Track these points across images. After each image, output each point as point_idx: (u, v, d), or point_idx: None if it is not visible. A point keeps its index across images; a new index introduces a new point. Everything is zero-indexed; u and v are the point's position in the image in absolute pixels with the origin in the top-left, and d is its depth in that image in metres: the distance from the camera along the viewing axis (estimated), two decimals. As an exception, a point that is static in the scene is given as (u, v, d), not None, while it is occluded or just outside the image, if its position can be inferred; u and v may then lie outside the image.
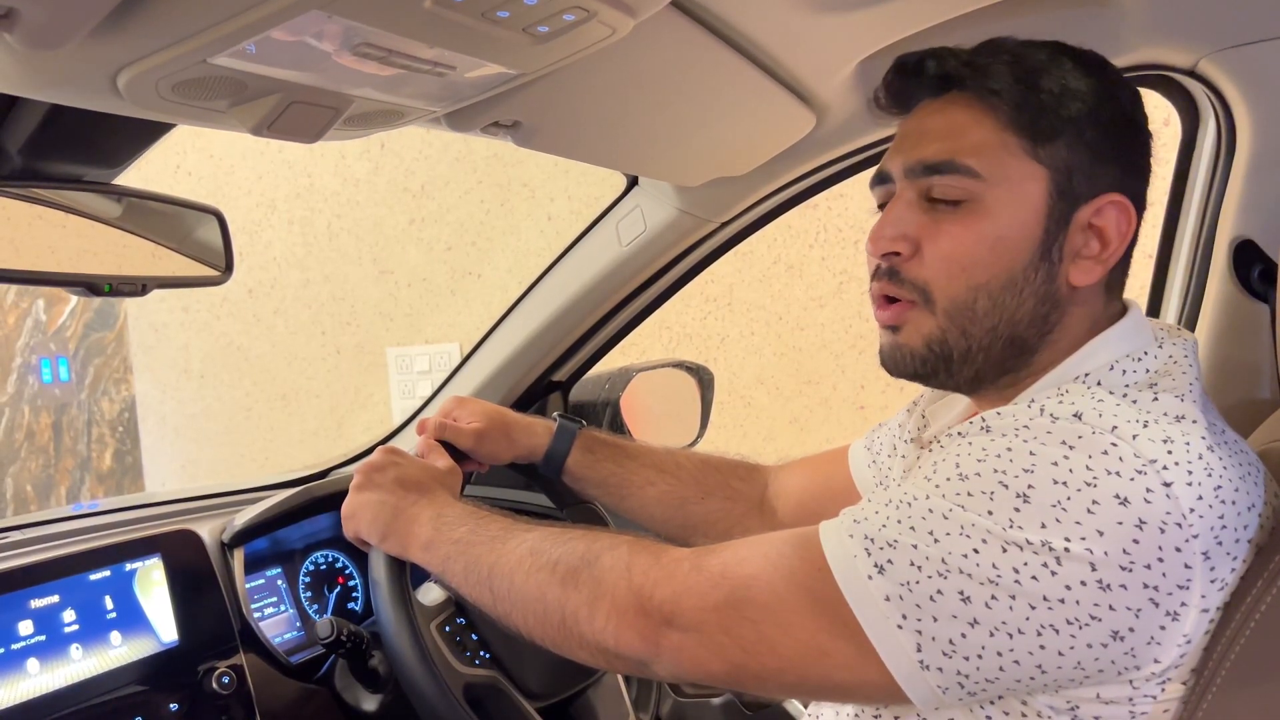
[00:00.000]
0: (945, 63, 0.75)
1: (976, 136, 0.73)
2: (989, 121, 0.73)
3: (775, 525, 1.08)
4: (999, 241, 0.73)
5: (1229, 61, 1.01)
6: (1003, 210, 0.73)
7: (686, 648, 0.71)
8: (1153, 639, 0.61)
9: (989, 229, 0.73)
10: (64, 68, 0.59)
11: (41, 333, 3.36)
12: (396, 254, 2.94)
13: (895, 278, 0.76)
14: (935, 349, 0.76)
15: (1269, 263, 1.04)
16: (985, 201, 0.73)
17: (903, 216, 0.76)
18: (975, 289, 0.73)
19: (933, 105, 0.77)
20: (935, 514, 0.64)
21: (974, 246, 0.73)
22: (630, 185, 1.32)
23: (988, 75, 0.73)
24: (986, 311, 0.74)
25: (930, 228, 0.74)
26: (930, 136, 0.75)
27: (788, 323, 2.62)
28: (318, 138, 0.75)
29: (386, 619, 0.92)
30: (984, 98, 0.73)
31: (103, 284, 0.85)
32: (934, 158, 0.74)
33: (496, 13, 0.61)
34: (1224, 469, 0.63)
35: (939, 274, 0.74)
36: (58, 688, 0.91)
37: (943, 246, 0.74)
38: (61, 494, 3.41)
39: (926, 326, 0.76)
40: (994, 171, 0.73)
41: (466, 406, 1.07)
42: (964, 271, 0.73)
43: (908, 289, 0.76)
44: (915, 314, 0.76)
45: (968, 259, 0.73)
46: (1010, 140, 0.73)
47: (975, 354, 0.75)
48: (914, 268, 0.75)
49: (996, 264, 0.73)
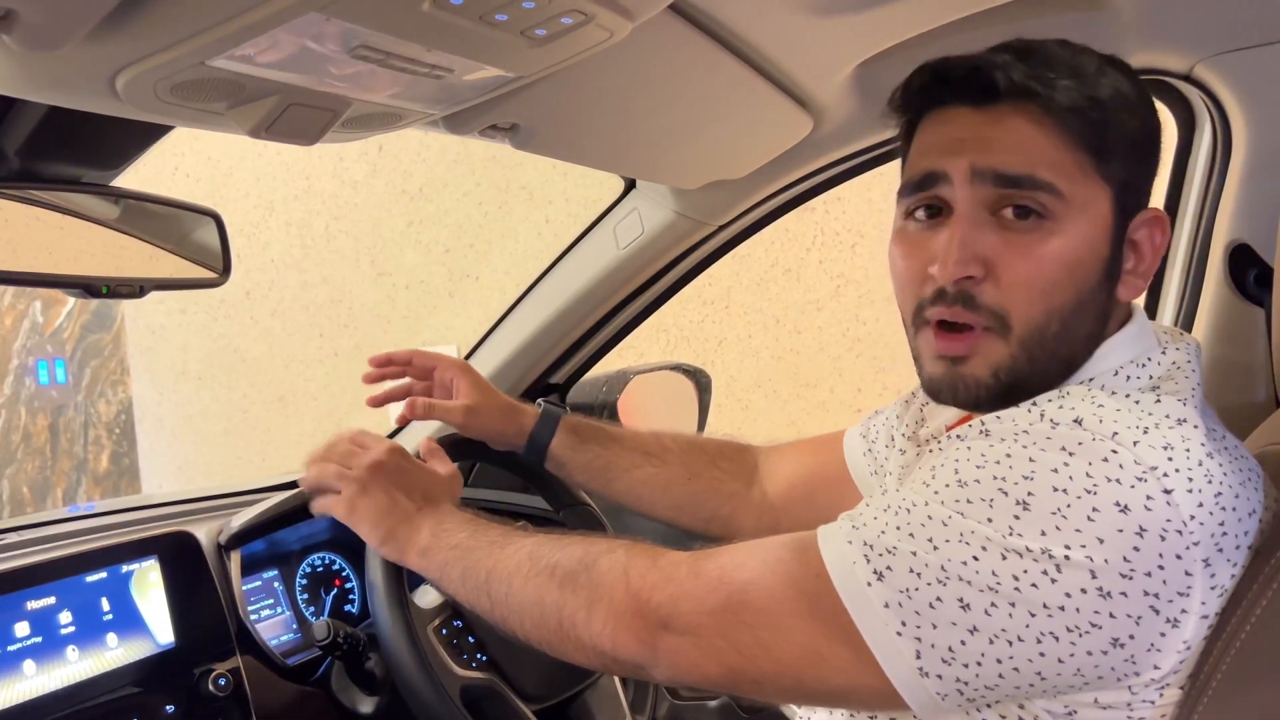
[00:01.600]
0: (1010, 73, 0.69)
1: (1050, 152, 0.69)
2: (1058, 137, 0.69)
3: (764, 507, 1.08)
4: (1077, 264, 0.69)
5: (1225, 66, 1.01)
6: (1077, 230, 0.69)
7: (684, 651, 0.71)
8: (1153, 646, 0.61)
9: (1067, 251, 0.69)
10: (62, 69, 0.59)
11: (38, 334, 3.35)
12: (394, 256, 2.94)
13: (971, 303, 0.70)
14: (1003, 378, 0.71)
15: (1264, 266, 1.04)
16: (1062, 221, 0.69)
17: (973, 236, 0.70)
18: (1050, 313, 0.69)
19: (982, 115, 0.71)
20: (934, 521, 0.64)
21: (1055, 269, 0.69)
22: (628, 188, 1.32)
23: (1055, 88, 0.69)
24: (1056, 335, 0.70)
25: (1004, 247, 0.69)
26: (999, 146, 0.70)
27: (785, 326, 2.62)
28: (316, 140, 0.75)
29: (383, 621, 0.92)
30: (1052, 112, 0.69)
31: (100, 285, 0.85)
32: (1011, 169, 0.69)
33: (494, 16, 0.61)
34: (1224, 475, 0.63)
35: (1019, 299, 0.69)
36: (54, 689, 0.91)
37: (1023, 270, 0.69)
38: (58, 496, 3.40)
39: (997, 355, 0.71)
40: (1071, 190, 0.69)
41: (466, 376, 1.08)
42: (1044, 295, 0.69)
43: (984, 315, 0.70)
44: (988, 343, 0.71)
45: (1048, 282, 0.69)
46: (1081, 158, 0.69)
47: (1035, 378, 0.71)
48: (989, 292, 0.70)
49: (1071, 286, 0.69)
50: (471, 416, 1.05)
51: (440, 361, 1.10)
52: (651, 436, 1.12)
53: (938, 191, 0.72)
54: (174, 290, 0.98)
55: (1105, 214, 0.71)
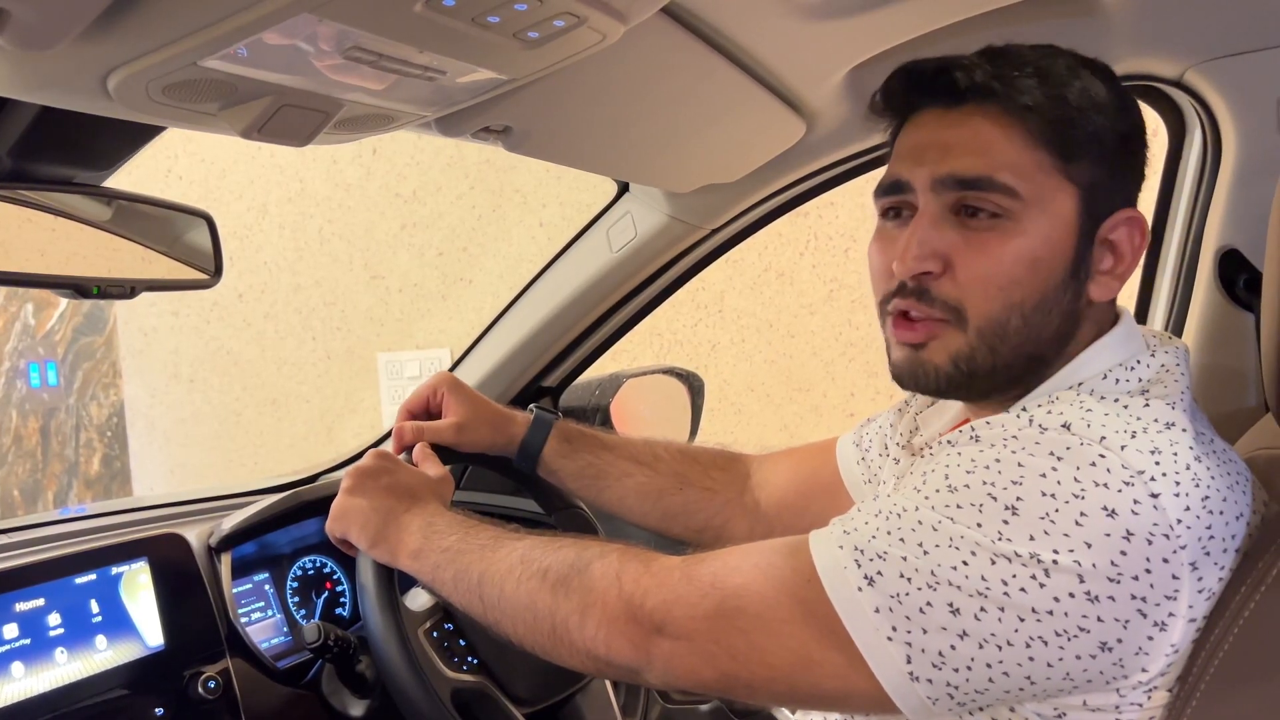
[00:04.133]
0: (972, 74, 0.72)
1: (1010, 153, 0.71)
2: (1020, 137, 0.71)
3: (757, 516, 1.08)
4: (1036, 262, 0.71)
5: (1215, 73, 1.02)
6: (1038, 229, 0.71)
7: (677, 656, 0.71)
8: (1141, 649, 0.62)
9: (1026, 249, 0.71)
10: (54, 69, 0.59)
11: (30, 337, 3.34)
12: (388, 259, 2.94)
13: (925, 297, 0.73)
14: (962, 367, 0.73)
15: (1254, 272, 1.05)
16: (1022, 220, 0.70)
17: (932, 234, 0.72)
18: (1011, 308, 0.71)
19: (949, 116, 0.73)
20: (925, 525, 0.64)
21: (1013, 266, 0.71)
22: (621, 191, 1.33)
23: (1017, 88, 0.71)
24: (1018, 330, 0.72)
25: (962, 245, 0.72)
26: (959, 149, 0.72)
27: (778, 330, 2.63)
28: (308, 141, 0.75)
29: (374, 624, 0.92)
30: (1013, 112, 0.71)
31: (91, 286, 0.85)
32: (968, 172, 0.71)
33: (487, 18, 0.61)
34: (1211, 479, 0.64)
35: (975, 293, 0.72)
36: (42, 691, 0.90)
37: (979, 265, 0.71)
38: (49, 499, 3.39)
39: (955, 344, 0.73)
40: (1030, 190, 0.70)
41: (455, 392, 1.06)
42: (1002, 291, 0.71)
43: (939, 308, 0.73)
44: (945, 332, 0.73)
45: (1006, 278, 0.71)
46: (1043, 158, 0.71)
47: (999, 371, 0.73)
48: (946, 286, 0.72)
49: (1032, 283, 0.71)
50: (462, 433, 1.04)
51: (428, 387, 1.08)
52: (643, 444, 1.12)
53: (904, 196, 0.75)
54: (165, 291, 0.97)
55: (1069, 213, 0.72)
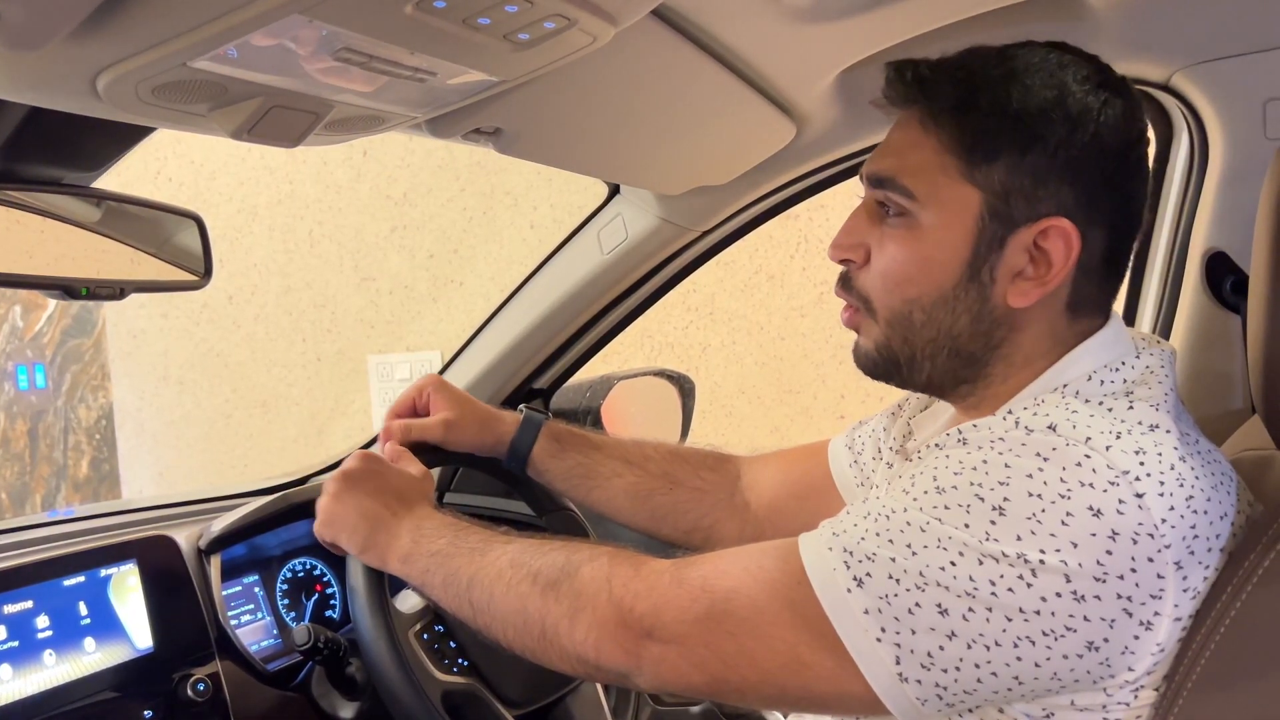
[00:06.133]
0: (904, 75, 0.75)
1: (917, 156, 0.74)
2: (931, 141, 0.73)
3: (747, 517, 1.08)
4: (927, 261, 0.74)
5: (1201, 76, 1.03)
6: (932, 231, 0.74)
7: (667, 660, 0.71)
8: (1127, 649, 0.62)
9: (919, 248, 0.74)
10: (43, 69, 0.58)
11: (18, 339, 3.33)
12: (378, 261, 2.94)
13: (846, 285, 0.79)
14: (883, 354, 0.78)
15: (1241, 274, 1.05)
16: (919, 220, 0.74)
17: (857, 226, 0.78)
18: (909, 303, 0.75)
19: (903, 116, 0.77)
20: (913, 527, 0.65)
21: (905, 264, 0.75)
22: (612, 193, 1.33)
23: (934, 94, 0.73)
24: (923, 324, 0.75)
25: (878, 240, 0.76)
26: (887, 149, 0.77)
27: (769, 332, 2.63)
28: (298, 142, 0.75)
29: (364, 626, 0.92)
30: (933, 115, 0.74)
31: (80, 287, 0.85)
32: (881, 172, 0.76)
33: (478, 19, 0.61)
34: (1196, 479, 0.64)
35: (877, 287, 0.77)
36: (30, 694, 0.90)
37: (881, 261, 0.76)
38: (37, 502, 3.37)
39: (874, 333, 0.78)
40: (927, 193, 0.73)
41: (442, 392, 1.06)
42: (898, 286, 0.75)
43: (855, 297, 0.79)
44: (864, 321, 0.79)
45: (900, 275, 0.75)
46: (948, 162, 0.73)
47: (921, 361, 0.77)
48: (862, 277, 0.78)
49: (926, 281, 0.74)
50: (451, 431, 1.04)
51: (415, 388, 1.08)
52: (633, 445, 1.12)
53: None
54: (155, 292, 0.97)
55: (968, 218, 0.72)
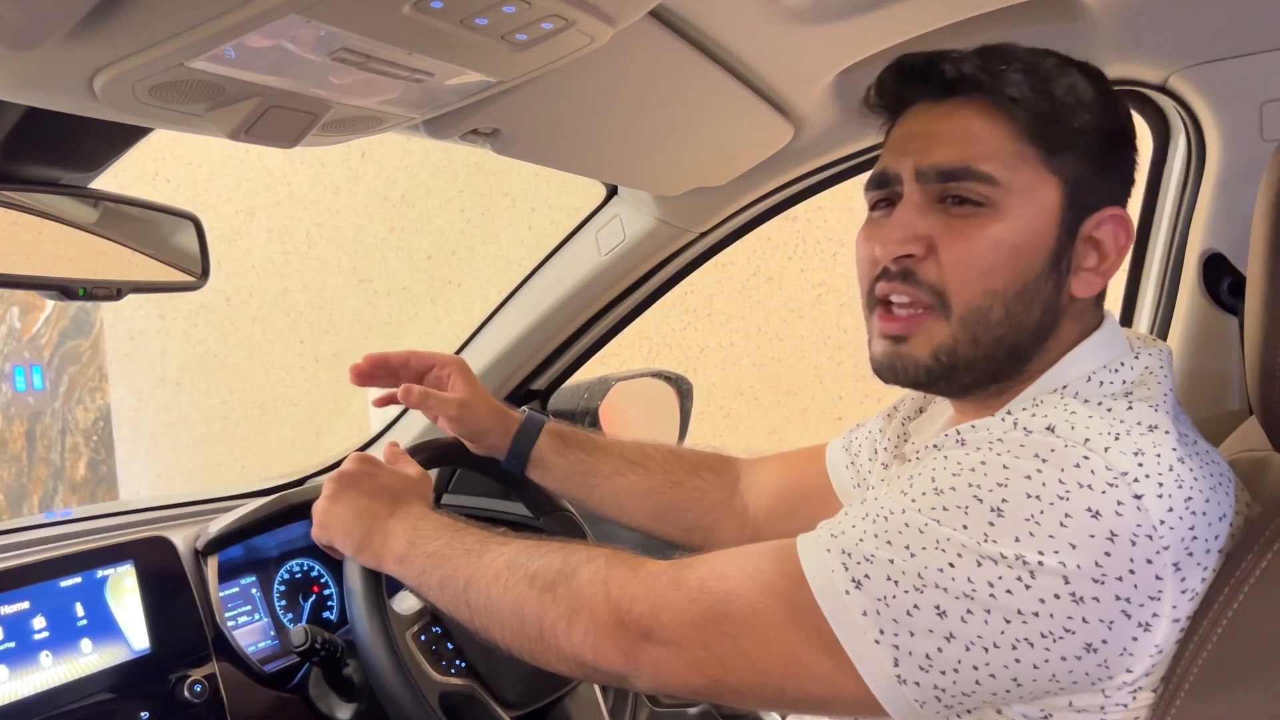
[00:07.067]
0: (961, 67, 0.73)
1: (993, 143, 0.72)
2: (1004, 129, 0.72)
3: (745, 519, 1.08)
4: (1015, 248, 0.71)
5: (1199, 78, 1.03)
6: (1019, 217, 0.71)
7: (665, 662, 0.71)
8: (1125, 650, 0.62)
9: (1006, 235, 0.71)
10: (40, 69, 0.58)
11: (16, 340, 3.33)
12: (376, 262, 2.94)
13: (909, 279, 0.73)
14: (943, 359, 0.73)
15: (1238, 275, 1.05)
16: (1002, 208, 0.71)
17: (914, 218, 0.73)
18: (992, 295, 0.72)
19: (937, 109, 0.75)
20: (911, 528, 0.65)
21: (993, 252, 0.71)
22: (610, 195, 1.33)
23: (1004, 81, 0.72)
24: (999, 320, 0.72)
25: (944, 230, 0.72)
26: (942, 141, 0.73)
27: (767, 334, 2.64)
28: (295, 143, 0.75)
29: (361, 627, 0.91)
30: (999, 104, 0.72)
31: (77, 288, 0.85)
32: (948, 163, 0.72)
33: (475, 20, 0.61)
34: (1194, 480, 0.64)
35: (956, 277, 0.72)
36: (27, 695, 0.90)
37: (960, 250, 0.72)
38: (34, 503, 3.37)
39: (939, 335, 0.73)
40: (1011, 178, 0.71)
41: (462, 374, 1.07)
42: (983, 276, 0.71)
43: (925, 291, 0.73)
44: (929, 323, 0.73)
45: (986, 263, 0.71)
46: (1026, 149, 0.71)
47: (979, 363, 0.73)
48: (929, 269, 0.72)
49: (1013, 271, 0.71)
50: (464, 409, 1.05)
51: (437, 360, 1.09)
52: (634, 445, 1.12)
53: (892, 188, 0.76)
54: (152, 293, 0.97)
55: (1052, 205, 0.72)
